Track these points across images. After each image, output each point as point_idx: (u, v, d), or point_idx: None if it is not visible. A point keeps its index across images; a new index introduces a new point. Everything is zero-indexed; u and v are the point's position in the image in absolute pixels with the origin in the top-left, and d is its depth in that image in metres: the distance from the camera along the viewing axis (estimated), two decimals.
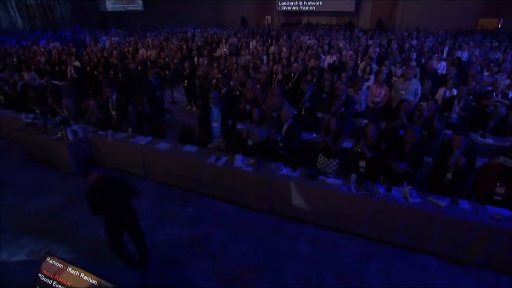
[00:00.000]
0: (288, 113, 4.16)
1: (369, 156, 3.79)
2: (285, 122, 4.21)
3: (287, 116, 4.17)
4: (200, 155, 4.63)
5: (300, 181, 3.89)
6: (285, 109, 4.16)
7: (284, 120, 4.21)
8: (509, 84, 6.68)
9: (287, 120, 4.20)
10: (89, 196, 3.05)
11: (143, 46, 12.42)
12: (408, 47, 12.29)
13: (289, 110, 4.17)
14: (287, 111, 4.15)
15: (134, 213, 3.40)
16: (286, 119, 4.19)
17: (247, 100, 5.60)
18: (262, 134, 4.36)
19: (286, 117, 4.18)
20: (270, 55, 9.00)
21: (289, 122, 4.21)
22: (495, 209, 3.32)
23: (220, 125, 4.70)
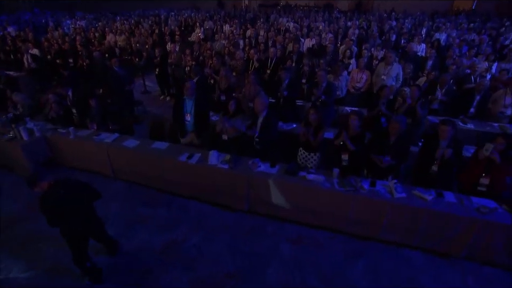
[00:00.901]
0: (262, 104, 3.82)
1: (352, 148, 3.56)
2: (260, 114, 3.89)
3: (260, 107, 3.84)
4: (171, 152, 4.25)
5: (279, 178, 3.63)
6: (258, 99, 3.82)
7: (258, 112, 3.89)
8: (487, 67, 6.64)
9: (261, 112, 3.88)
10: (44, 206, 2.70)
11: (111, 31, 11.49)
12: (388, 28, 12.11)
13: (263, 100, 3.83)
14: (261, 101, 3.81)
15: (97, 218, 3.12)
16: (260, 110, 3.87)
17: (222, 89, 5.21)
18: (237, 128, 4.02)
19: (259, 108, 3.85)
20: (246, 40, 8.51)
21: (264, 114, 3.89)
22: (480, 200, 3.21)
23: (193, 118, 4.31)
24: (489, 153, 3.04)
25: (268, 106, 3.90)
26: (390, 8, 18.97)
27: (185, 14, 18.70)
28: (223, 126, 4.07)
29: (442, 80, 5.10)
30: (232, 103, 4.09)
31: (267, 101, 3.88)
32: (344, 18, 15.51)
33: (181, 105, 4.29)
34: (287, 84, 4.88)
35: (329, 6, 23.50)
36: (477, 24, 13.61)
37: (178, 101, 4.33)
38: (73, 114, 5.16)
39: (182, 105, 4.28)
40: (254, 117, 4.00)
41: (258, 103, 3.81)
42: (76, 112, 5.08)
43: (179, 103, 4.31)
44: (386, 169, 3.56)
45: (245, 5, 26.36)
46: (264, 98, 3.86)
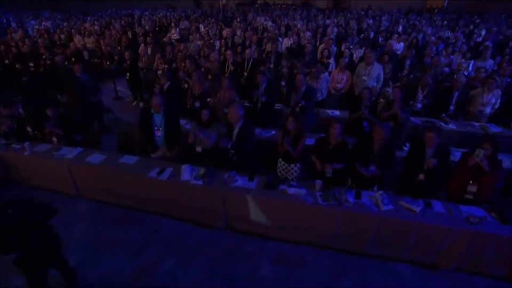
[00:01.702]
0: (237, 114, 3.53)
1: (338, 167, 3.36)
2: (235, 124, 3.59)
3: (235, 117, 3.55)
4: (140, 167, 3.86)
5: (257, 194, 3.34)
6: (233, 109, 3.52)
7: (233, 122, 3.59)
8: (466, 66, 6.64)
9: (236, 122, 3.58)
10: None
11: (78, 32, 10.79)
12: (365, 26, 12.09)
13: (238, 110, 3.53)
14: (235, 112, 3.52)
15: (56, 239, 2.73)
16: (235, 120, 3.57)
17: (195, 95, 4.85)
18: (211, 139, 3.69)
19: (234, 119, 3.56)
20: (223, 40, 8.16)
21: (240, 125, 3.59)
22: (469, 209, 3.06)
23: (164, 133, 3.94)
24: (480, 159, 2.90)
25: (243, 116, 3.59)
26: (366, 6, 19.12)
27: (160, 14, 18.05)
28: (196, 137, 3.73)
29: (423, 81, 4.98)
30: (205, 113, 3.75)
31: (242, 111, 3.57)
32: (322, 16, 15.44)
33: (149, 120, 3.91)
34: (264, 88, 4.60)
35: (307, 4, 23.49)
36: (451, 21, 13.89)
37: (146, 115, 3.94)
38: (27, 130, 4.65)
39: (150, 120, 3.90)
40: (229, 127, 3.68)
41: (233, 113, 3.50)
42: (30, 129, 4.57)
43: (146, 118, 3.92)
44: (371, 178, 3.35)
45: (222, 4, 25.88)
46: (239, 108, 3.56)
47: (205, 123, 3.80)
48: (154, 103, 3.79)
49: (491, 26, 11.50)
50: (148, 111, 3.93)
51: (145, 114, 3.95)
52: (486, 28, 11.48)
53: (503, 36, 10.35)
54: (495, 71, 6.42)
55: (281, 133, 3.56)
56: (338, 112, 5.25)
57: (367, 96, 4.28)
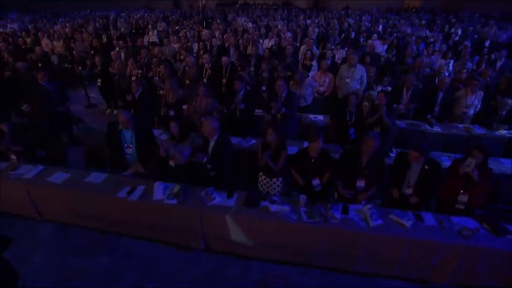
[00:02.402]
0: (211, 128, 3.25)
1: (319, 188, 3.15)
2: (210, 138, 3.31)
3: (210, 131, 3.27)
4: (108, 186, 3.50)
5: (237, 212, 3.06)
6: (207, 123, 3.24)
7: (208, 136, 3.30)
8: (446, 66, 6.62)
9: (211, 136, 3.30)
10: None
11: (46, 35, 10.14)
12: (346, 26, 12.05)
13: (212, 124, 3.25)
14: (209, 125, 3.24)
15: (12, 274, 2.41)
16: (210, 134, 3.29)
17: (169, 103, 4.52)
18: (184, 153, 3.38)
19: (209, 133, 3.28)
20: (201, 43, 7.82)
21: (216, 138, 3.31)
22: (460, 220, 2.90)
23: (135, 149, 3.60)
24: (471, 169, 2.74)
25: (219, 128, 3.31)
26: (345, 6, 19.22)
27: (137, 15, 17.42)
28: (168, 151, 3.41)
29: (408, 81, 4.85)
30: (173, 126, 3.41)
31: (217, 124, 3.28)
32: (303, 16, 15.34)
33: (117, 137, 3.56)
34: (242, 95, 4.32)
35: (288, 4, 23.39)
36: (429, 20, 14.09)
37: (113, 132, 3.58)
38: None
39: (118, 137, 3.55)
40: (204, 141, 3.38)
41: (207, 127, 3.22)
42: None
43: (114, 134, 3.57)
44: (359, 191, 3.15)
45: (202, 4, 25.39)
46: (213, 121, 3.28)
47: (175, 137, 3.47)
48: (121, 119, 3.44)
49: (467, 26, 11.71)
50: (115, 126, 3.57)
51: (112, 130, 3.59)
52: (461, 27, 11.68)
53: (478, 35, 10.52)
54: (474, 71, 6.43)
55: (261, 145, 3.30)
56: (321, 117, 5.05)
57: (354, 102, 4.08)
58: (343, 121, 4.13)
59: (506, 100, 4.58)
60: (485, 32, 10.41)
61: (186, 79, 6.04)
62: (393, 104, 4.76)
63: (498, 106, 4.66)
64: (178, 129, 3.40)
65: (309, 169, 3.16)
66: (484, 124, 4.75)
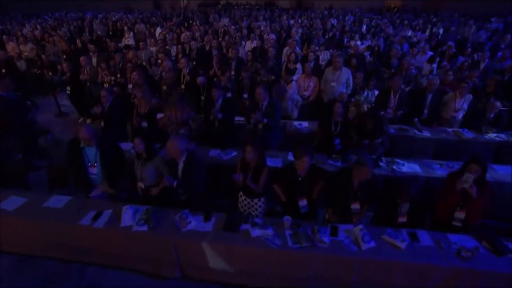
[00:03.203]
0: (176, 149, 2.89)
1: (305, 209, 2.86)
2: (178, 159, 2.97)
3: (175, 152, 2.92)
4: (71, 212, 3.09)
5: (215, 239, 2.74)
6: (171, 143, 2.88)
7: (175, 157, 2.96)
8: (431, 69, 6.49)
9: (179, 157, 2.96)
10: None
11: (12, 38, 9.47)
12: (330, 26, 11.91)
13: (178, 144, 2.89)
14: (174, 146, 2.88)
15: None
16: (177, 156, 2.95)
17: (141, 114, 4.14)
18: (152, 174, 3.01)
19: (175, 154, 2.94)
20: (179, 46, 7.42)
21: (184, 159, 2.97)
22: (458, 239, 2.68)
23: (100, 169, 3.21)
24: (469, 185, 2.52)
25: (186, 150, 2.97)
26: (329, 5, 19.15)
27: (115, 16, 16.75)
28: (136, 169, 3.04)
29: (395, 84, 4.65)
30: (138, 143, 3.04)
31: (184, 144, 2.92)
32: (286, 16, 15.13)
33: (79, 156, 3.17)
34: (221, 104, 3.98)
35: (271, 4, 23.18)
36: (409, 20, 14.14)
37: (74, 151, 3.19)
38: None
39: (81, 156, 3.16)
40: (172, 162, 3.02)
41: (171, 148, 2.86)
42: None
43: (75, 153, 3.17)
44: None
45: (183, 5, 24.83)
46: (180, 142, 2.90)
47: (141, 155, 3.10)
48: (81, 136, 3.04)
49: (449, 26, 11.77)
50: (75, 144, 3.16)
51: (73, 148, 3.18)
52: (442, 27, 11.73)
53: (460, 35, 10.56)
54: (458, 71, 6.34)
55: (239, 163, 2.98)
56: (306, 124, 4.78)
57: (339, 111, 3.83)
58: (328, 130, 3.87)
59: (494, 102, 4.45)
60: (465, 32, 10.45)
61: (163, 84, 5.67)
62: (381, 110, 4.59)
63: (487, 109, 4.53)
64: (145, 146, 3.02)
65: (295, 188, 2.87)
66: (472, 127, 4.60)
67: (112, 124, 4.26)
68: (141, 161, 3.11)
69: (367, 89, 5.51)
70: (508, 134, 4.47)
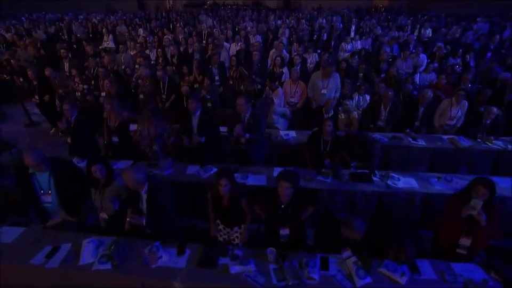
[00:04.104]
0: (133, 181, 2.47)
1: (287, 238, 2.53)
2: (139, 190, 2.57)
3: (133, 185, 2.51)
4: (22, 247, 2.67)
5: (189, 277, 2.37)
6: (127, 174, 2.47)
7: (135, 189, 2.56)
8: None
9: (140, 188, 2.55)
10: None
11: None
12: (318, 27, 11.63)
13: (135, 175, 2.46)
14: (130, 177, 2.46)
15: None
16: (136, 188, 2.54)
17: (111, 128, 3.74)
18: (113, 205, 2.61)
19: (133, 187, 2.53)
20: (159, 50, 6.98)
21: (146, 189, 2.56)
22: (463, 268, 2.38)
23: (55, 196, 2.80)
24: (477, 213, 2.23)
25: (148, 180, 2.56)
26: (317, 6, 18.91)
27: (96, 17, 16.10)
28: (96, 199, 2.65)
29: (385, 97, 4.38)
30: (96, 169, 2.63)
31: (141, 175, 2.50)
32: (274, 16, 14.82)
33: (29, 184, 2.74)
34: (199, 116, 3.59)
35: (258, 4, 22.86)
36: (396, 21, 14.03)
37: (22, 178, 2.76)
38: None
39: (31, 184, 2.74)
40: (133, 193, 2.62)
41: (128, 180, 2.46)
42: None
43: (24, 181, 2.75)
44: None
45: (169, 5, 24.22)
46: (136, 173, 2.48)
47: (99, 181, 2.71)
48: (27, 162, 2.62)
49: (436, 26, 11.65)
50: (23, 170, 2.73)
51: (22, 175, 2.75)
52: (430, 27, 11.60)
53: (450, 36, 10.42)
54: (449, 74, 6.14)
55: (211, 199, 2.62)
56: (294, 133, 4.44)
57: (330, 130, 3.55)
58: (317, 150, 3.57)
59: (490, 108, 4.22)
60: (455, 33, 10.32)
61: (140, 93, 5.25)
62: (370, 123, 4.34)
63: (483, 115, 4.29)
64: (106, 171, 2.63)
65: (277, 216, 2.53)
66: (468, 134, 4.37)
67: (79, 140, 3.83)
68: (98, 189, 2.70)
69: (358, 94, 5.24)
70: (504, 141, 4.24)
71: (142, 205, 2.56)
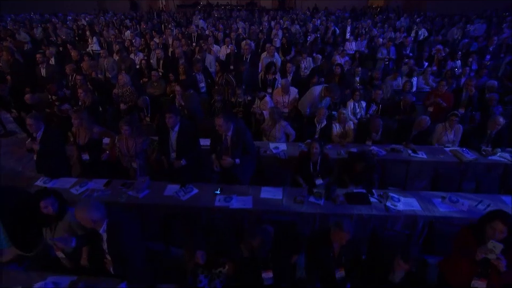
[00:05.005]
0: (87, 219, 2.08)
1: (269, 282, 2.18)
2: (97, 228, 2.17)
3: (87, 223, 2.12)
4: None
5: None
6: (79, 212, 2.07)
7: (93, 228, 2.17)
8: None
9: (97, 228, 2.16)
10: None
11: None
12: (312, 28, 11.29)
13: (87, 213, 2.07)
14: (83, 215, 2.07)
15: None
16: (93, 227, 2.15)
17: (81, 145, 3.37)
18: (69, 243, 2.24)
19: (88, 225, 2.14)
20: (145, 54, 6.61)
21: (104, 230, 2.16)
22: None
23: (2, 233, 2.42)
24: (496, 257, 1.89)
25: (105, 216, 2.14)
26: (312, 6, 18.57)
27: (85, 18, 15.61)
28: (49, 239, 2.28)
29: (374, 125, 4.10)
30: (50, 203, 2.26)
31: (97, 213, 2.08)
32: (267, 17, 14.48)
33: None
34: (178, 131, 3.21)
35: (253, 4, 22.48)
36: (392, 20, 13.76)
37: None
38: None
39: None
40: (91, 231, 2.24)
41: (81, 219, 2.09)
42: None
43: None
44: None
45: (162, 6, 23.76)
46: (89, 211, 2.07)
47: (48, 218, 2.34)
48: None
49: (431, 27, 11.39)
50: None
51: None
52: (426, 27, 11.32)
53: (450, 37, 10.14)
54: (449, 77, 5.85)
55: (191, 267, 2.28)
56: (284, 146, 4.08)
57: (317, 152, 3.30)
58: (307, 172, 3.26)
59: (497, 118, 3.91)
60: (454, 34, 10.01)
61: (121, 102, 4.88)
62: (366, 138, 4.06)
63: (488, 126, 3.98)
64: (59, 205, 2.26)
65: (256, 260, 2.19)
66: (472, 145, 4.05)
67: (46, 157, 3.46)
68: (48, 226, 2.34)
69: (353, 101, 4.94)
70: (510, 153, 3.94)
71: (104, 244, 2.18)
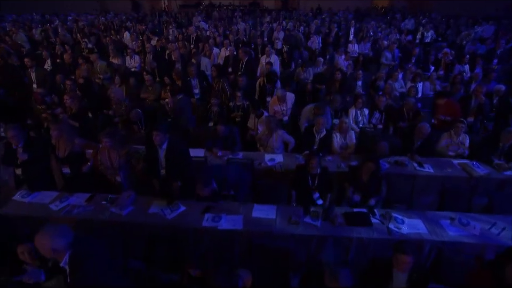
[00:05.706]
0: (47, 248, 1.81)
1: None
2: (59, 260, 1.87)
3: (47, 253, 1.85)
4: None
5: None
6: (38, 241, 1.80)
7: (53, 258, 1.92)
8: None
9: (59, 258, 1.86)
10: None
11: None
12: (315, 29, 11.01)
13: (49, 241, 1.80)
14: (43, 244, 1.81)
15: None
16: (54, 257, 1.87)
17: (61, 158, 3.14)
18: (39, 277, 2.00)
19: (49, 256, 1.87)
20: (140, 56, 6.39)
21: (66, 262, 1.86)
22: None
23: None
24: None
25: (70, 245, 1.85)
26: (315, 6, 18.26)
27: (86, 19, 15.47)
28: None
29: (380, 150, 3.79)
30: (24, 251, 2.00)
31: (64, 240, 1.81)
32: (270, 18, 14.22)
33: None
34: (166, 149, 2.97)
35: (256, 4, 22.24)
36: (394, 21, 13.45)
37: None
38: None
39: None
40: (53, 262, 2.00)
41: (41, 248, 1.83)
42: None
43: None
44: None
45: (164, 6, 23.58)
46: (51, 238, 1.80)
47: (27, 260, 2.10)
48: None
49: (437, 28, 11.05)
50: None
51: None
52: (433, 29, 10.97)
53: (458, 40, 9.79)
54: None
55: None
56: (280, 158, 3.82)
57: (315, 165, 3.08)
58: (305, 185, 3.00)
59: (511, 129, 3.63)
60: (462, 37, 9.63)
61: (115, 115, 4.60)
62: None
63: (501, 137, 3.70)
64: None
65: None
66: (481, 158, 3.77)
67: (30, 173, 3.23)
68: None
69: (355, 108, 4.69)
70: None
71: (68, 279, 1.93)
